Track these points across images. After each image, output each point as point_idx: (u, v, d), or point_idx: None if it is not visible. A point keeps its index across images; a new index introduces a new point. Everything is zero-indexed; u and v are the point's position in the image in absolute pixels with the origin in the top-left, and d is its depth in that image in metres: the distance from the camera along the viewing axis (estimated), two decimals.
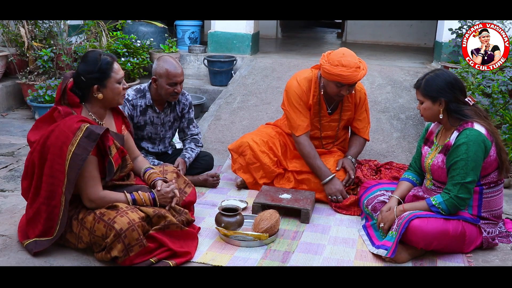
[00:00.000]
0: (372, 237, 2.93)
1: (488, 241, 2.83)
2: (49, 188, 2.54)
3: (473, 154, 2.64)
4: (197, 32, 6.93)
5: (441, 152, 2.81)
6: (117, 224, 2.48)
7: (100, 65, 2.63)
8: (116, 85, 2.68)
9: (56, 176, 2.52)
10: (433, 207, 2.73)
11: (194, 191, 3.06)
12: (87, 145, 2.49)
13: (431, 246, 2.70)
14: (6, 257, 2.59)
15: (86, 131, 2.51)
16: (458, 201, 2.68)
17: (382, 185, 3.20)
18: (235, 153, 3.68)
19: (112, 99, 2.71)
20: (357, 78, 3.31)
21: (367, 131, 3.72)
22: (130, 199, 2.66)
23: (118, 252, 2.48)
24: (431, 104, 2.79)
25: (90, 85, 2.64)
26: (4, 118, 5.23)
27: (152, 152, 3.66)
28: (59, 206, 2.54)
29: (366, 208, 3.13)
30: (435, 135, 2.94)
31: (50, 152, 2.53)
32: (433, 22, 7.33)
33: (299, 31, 9.96)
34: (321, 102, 3.56)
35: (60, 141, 2.51)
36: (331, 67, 3.30)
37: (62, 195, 2.52)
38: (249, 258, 2.72)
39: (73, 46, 5.52)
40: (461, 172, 2.66)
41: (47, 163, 2.54)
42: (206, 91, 5.83)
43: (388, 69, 5.66)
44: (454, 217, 2.73)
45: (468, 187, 2.68)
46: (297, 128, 3.52)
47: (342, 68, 3.28)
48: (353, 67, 3.28)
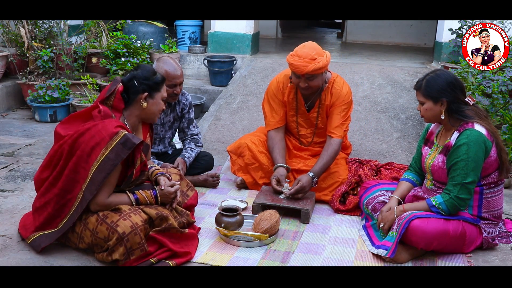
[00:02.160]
0: (372, 237, 2.93)
1: (488, 241, 2.83)
2: (69, 182, 2.56)
3: (474, 155, 2.64)
4: (197, 32, 6.93)
5: (442, 152, 2.81)
6: (119, 228, 2.48)
7: (156, 77, 2.74)
8: (160, 101, 2.77)
9: (80, 172, 2.54)
10: (433, 208, 2.73)
11: (196, 194, 3.07)
12: (121, 152, 2.51)
13: (431, 246, 2.70)
14: (6, 257, 2.59)
15: (123, 138, 2.52)
16: (459, 201, 2.68)
17: (382, 185, 3.20)
18: (234, 154, 3.69)
19: (152, 113, 2.78)
20: (306, 69, 3.24)
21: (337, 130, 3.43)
22: (133, 198, 2.67)
23: (119, 255, 2.48)
24: (432, 105, 2.77)
25: (141, 92, 2.70)
26: (4, 118, 5.23)
27: (152, 152, 3.65)
28: (73, 200, 2.55)
29: (366, 208, 3.12)
30: (436, 135, 2.94)
31: (81, 149, 2.55)
32: (433, 22, 7.33)
33: (299, 31, 9.96)
34: (299, 99, 3.56)
35: (94, 141, 2.53)
36: (288, 56, 3.34)
37: (80, 192, 2.53)
38: (249, 258, 2.72)
39: (73, 46, 5.52)
40: (462, 173, 2.66)
41: (74, 158, 2.55)
42: (206, 91, 5.83)
43: (388, 69, 5.66)
44: (454, 217, 2.73)
45: (469, 187, 2.67)
46: (268, 123, 3.60)
47: (295, 57, 3.29)
48: (305, 58, 3.25)
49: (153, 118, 2.82)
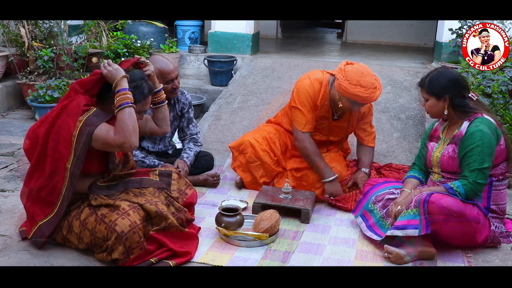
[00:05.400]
0: (381, 235, 2.86)
1: (494, 236, 2.85)
2: (54, 163, 2.56)
3: (488, 140, 2.72)
4: (197, 32, 6.93)
5: (451, 143, 2.86)
6: (118, 227, 2.48)
7: (141, 83, 2.69)
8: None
9: (61, 151, 2.54)
10: (451, 189, 2.75)
11: (195, 192, 3.07)
12: (95, 121, 2.52)
13: (449, 222, 2.67)
14: (7, 257, 2.60)
15: (96, 112, 2.56)
16: (477, 186, 2.72)
17: (390, 183, 3.18)
18: (236, 151, 3.68)
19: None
20: (373, 99, 3.30)
21: (371, 138, 3.70)
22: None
23: (118, 254, 2.48)
24: (436, 101, 2.87)
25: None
26: (4, 118, 5.23)
27: (152, 152, 3.66)
28: (62, 181, 2.55)
29: (371, 205, 3.06)
30: (441, 131, 3.00)
31: (56, 126, 2.56)
32: (433, 22, 7.32)
33: (299, 31, 9.96)
34: (328, 107, 3.53)
35: (68, 116, 2.54)
36: (349, 86, 3.25)
37: (67, 171, 2.53)
38: (249, 258, 2.72)
39: (73, 46, 5.52)
40: (478, 158, 2.71)
41: (52, 136, 2.56)
42: (206, 91, 5.83)
43: (388, 69, 5.65)
44: (470, 201, 2.75)
45: (486, 172, 2.73)
46: (304, 124, 3.48)
47: (360, 88, 3.24)
48: (370, 88, 3.25)
49: None
